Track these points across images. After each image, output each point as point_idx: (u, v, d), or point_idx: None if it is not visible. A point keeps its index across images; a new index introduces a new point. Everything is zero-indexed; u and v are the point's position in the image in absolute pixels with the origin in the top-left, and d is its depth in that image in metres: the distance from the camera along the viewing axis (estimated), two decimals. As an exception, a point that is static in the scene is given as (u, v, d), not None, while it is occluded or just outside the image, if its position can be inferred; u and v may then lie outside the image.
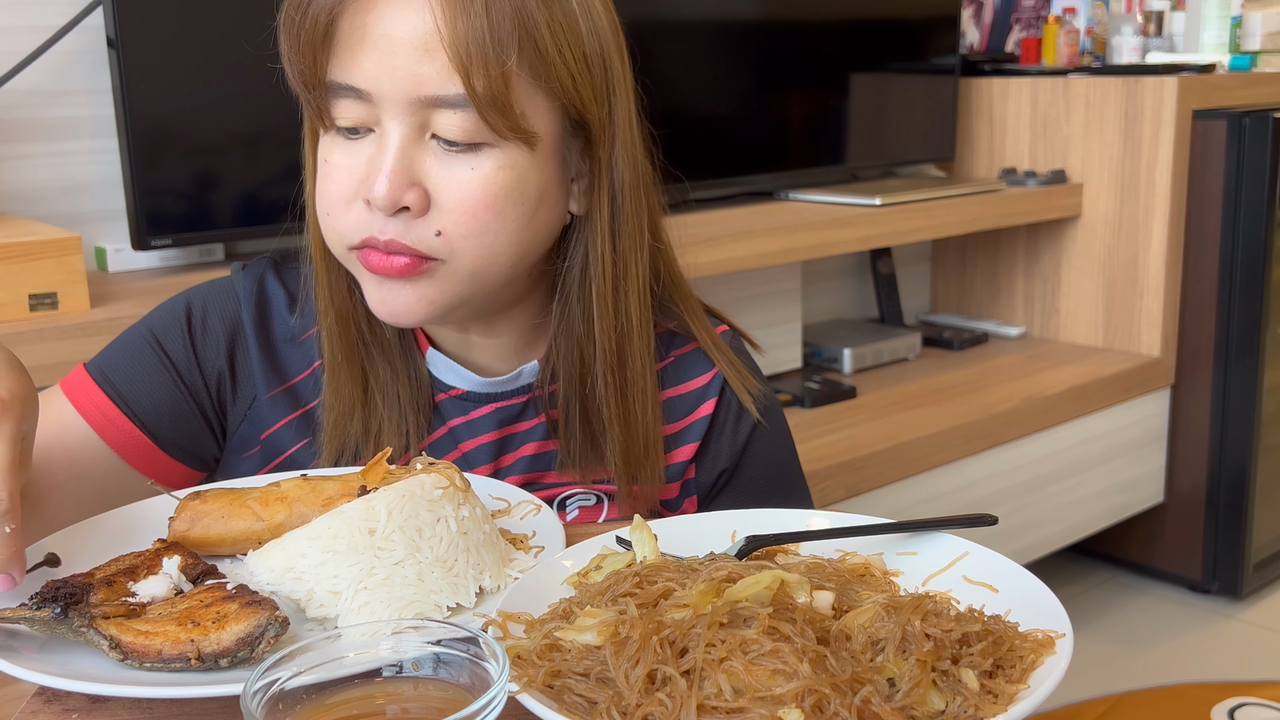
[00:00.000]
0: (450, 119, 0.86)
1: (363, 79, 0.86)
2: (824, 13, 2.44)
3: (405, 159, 0.86)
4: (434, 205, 0.87)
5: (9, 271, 1.41)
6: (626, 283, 0.97)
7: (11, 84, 1.68)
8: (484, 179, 0.87)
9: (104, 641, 0.66)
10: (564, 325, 0.98)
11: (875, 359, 2.58)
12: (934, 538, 0.78)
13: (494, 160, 0.87)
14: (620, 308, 0.97)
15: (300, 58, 0.87)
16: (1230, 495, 2.61)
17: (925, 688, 0.59)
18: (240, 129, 1.71)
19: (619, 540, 0.79)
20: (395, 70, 0.85)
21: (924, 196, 2.38)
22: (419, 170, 0.87)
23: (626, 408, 0.98)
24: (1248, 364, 2.55)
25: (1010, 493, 2.34)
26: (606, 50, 0.92)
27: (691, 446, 1.04)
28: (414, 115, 0.86)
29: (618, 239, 0.96)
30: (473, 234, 0.88)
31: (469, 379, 1.00)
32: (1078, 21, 2.90)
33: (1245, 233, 2.50)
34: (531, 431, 1.02)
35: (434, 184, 0.87)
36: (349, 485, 0.81)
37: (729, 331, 1.11)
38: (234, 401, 1.01)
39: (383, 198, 0.86)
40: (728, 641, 0.59)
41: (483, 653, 0.58)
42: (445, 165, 0.87)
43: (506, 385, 1.01)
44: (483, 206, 0.87)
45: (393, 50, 0.85)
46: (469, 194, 0.87)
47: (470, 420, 1.01)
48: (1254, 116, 2.47)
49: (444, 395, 1.01)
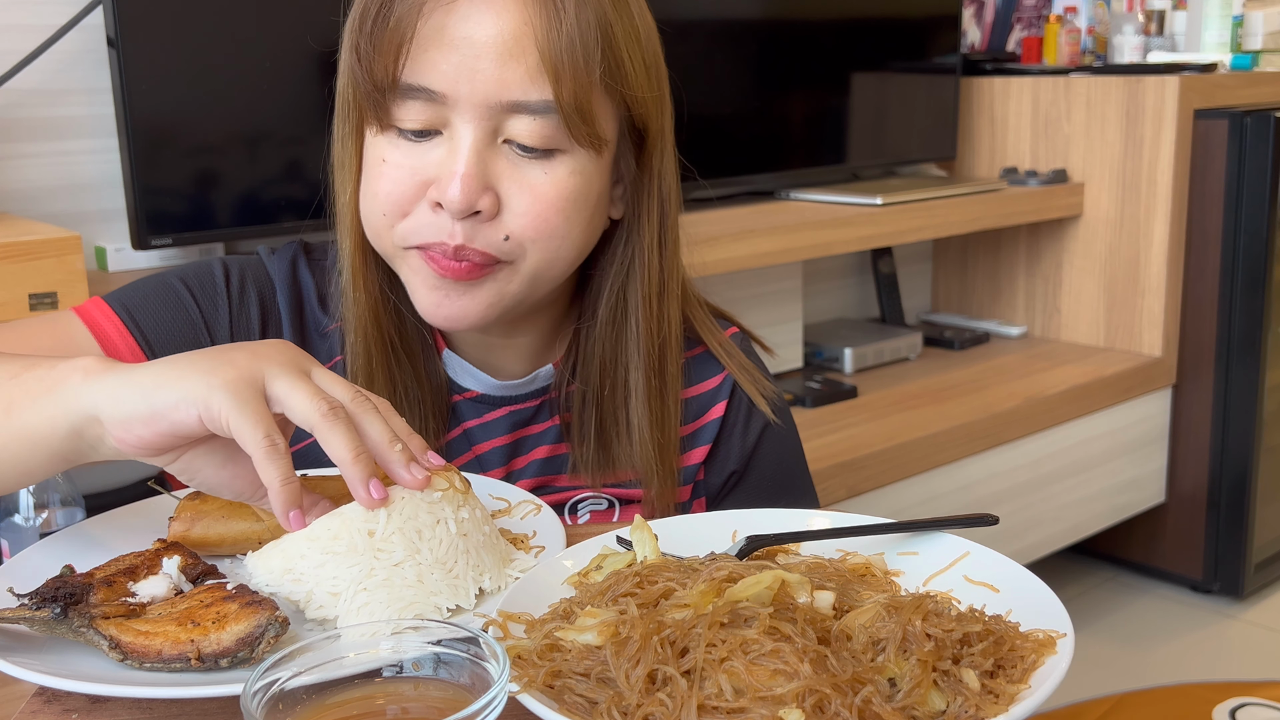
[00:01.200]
0: (528, 124, 0.86)
1: (440, 81, 0.85)
2: (825, 12, 2.44)
3: (480, 163, 0.86)
4: (504, 209, 0.88)
5: (9, 271, 1.41)
6: (669, 289, 0.98)
7: (11, 83, 1.68)
8: (556, 183, 0.88)
9: (104, 641, 0.66)
10: (598, 329, 0.98)
11: (876, 359, 2.58)
12: (935, 538, 0.78)
13: (566, 166, 0.88)
14: (664, 314, 0.98)
15: (380, 57, 0.86)
16: (1232, 495, 2.60)
17: (926, 688, 0.59)
18: (240, 128, 1.71)
19: (619, 540, 0.79)
20: (476, 74, 0.84)
21: (925, 196, 2.37)
22: (492, 174, 0.87)
23: (664, 411, 0.99)
24: (1249, 363, 2.55)
25: (1011, 492, 2.34)
26: (659, 57, 0.94)
27: (703, 449, 1.04)
28: (489, 119, 0.86)
29: (664, 246, 0.97)
30: (541, 237, 0.89)
31: (485, 381, 1.00)
32: (1079, 21, 2.89)
33: (1247, 232, 2.50)
34: (544, 434, 1.02)
35: (506, 189, 0.88)
36: None
37: (739, 334, 1.11)
38: None
39: (457, 200, 0.85)
40: (728, 641, 0.59)
41: (483, 653, 0.58)
42: (519, 169, 0.88)
43: (522, 388, 1.01)
44: (554, 211, 0.88)
45: (475, 54, 0.84)
46: (541, 198, 0.88)
47: (485, 423, 1.01)
48: (1255, 116, 2.47)
49: (459, 397, 1.01)
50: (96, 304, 0.97)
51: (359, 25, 0.87)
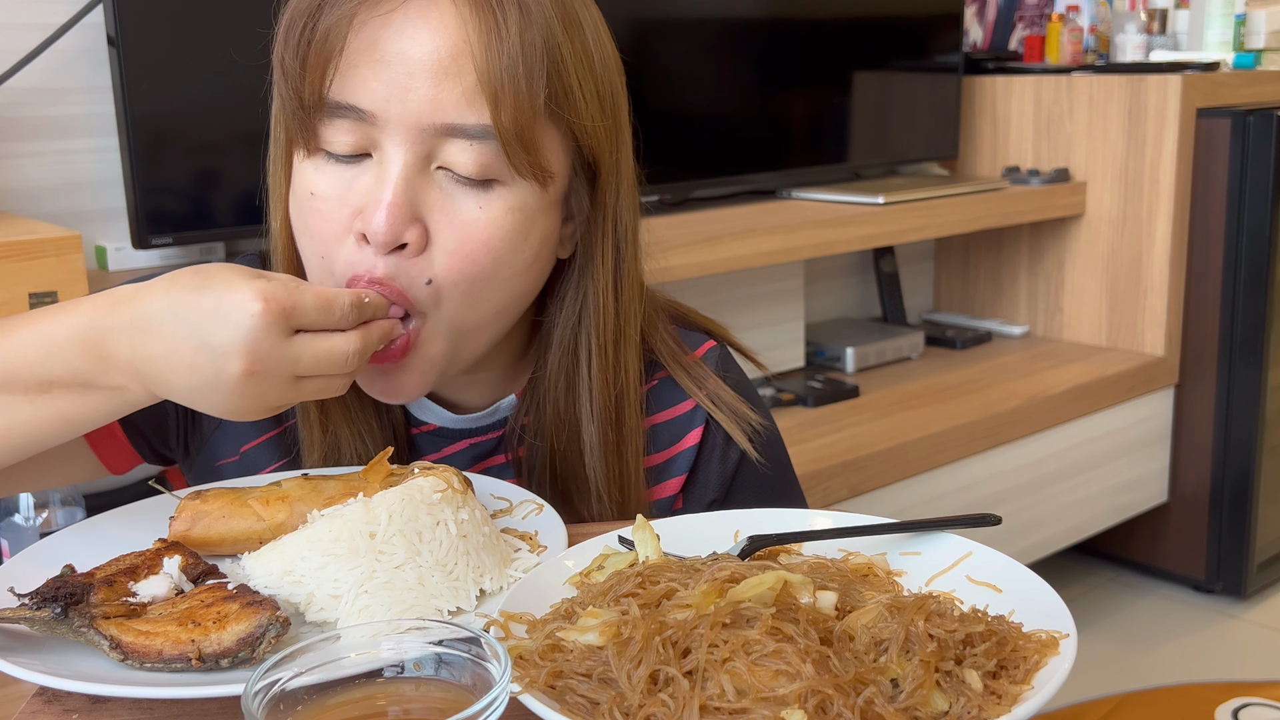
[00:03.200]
0: (464, 151, 0.80)
1: (369, 99, 0.79)
2: (827, 11, 2.43)
3: (409, 191, 0.80)
4: (431, 244, 0.81)
5: (9, 270, 1.41)
6: (627, 336, 0.92)
7: (11, 82, 1.68)
8: (491, 220, 0.81)
9: (104, 641, 0.66)
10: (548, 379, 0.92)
11: (878, 358, 2.58)
12: (937, 538, 0.78)
13: (504, 200, 0.82)
14: (620, 363, 0.91)
15: (305, 72, 0.80)
16: (1234, 495, 2.60)
17: (929, 688, 0.59)
18: (241, 127, 1.71)
19: (621, 540, 0.79)
20: (409, 93, 0.78)
21: (927, 195, 2.37)
22: (421, 204, 0.81)
23: (623, 469, 0.93)
24: (1252, 363, 2.54)
25: (1013, 492, 2.34)
26: (616, 86, 0.87)
27: (679, 480, 0.98)
28: (421, 143, 0.80)
29: (620, 290, 0.90)
30: (464, 280, 0.82)
31: (442, 415, 0.96)
32: (1081, 19, 2.89)
33: (1249, 231, 2.50)
34: (506, 467, 0.97)
35: (435, 220, 0.81)
36: (350, 485, 0.81)
37: (715, 348, 1.02)
38: None
39: (382, 232, 0.79)
40: (730, 642, 0.59)
41: (484, 653, 0.58)
42: (451, 200, 0.81)
43: (482, 421, 0.96)
44: (483, 252, 0.81)
45: (409, 71, 0.78)
46: (472, 236, 0.81)
47: (443, 457, 0.96)
48: (1258, 115, 2.47)
49: (417, 430, 0.96)
50: None
51: (284, 39, 0.82)
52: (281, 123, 0.86)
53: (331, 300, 0.74)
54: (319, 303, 0.74)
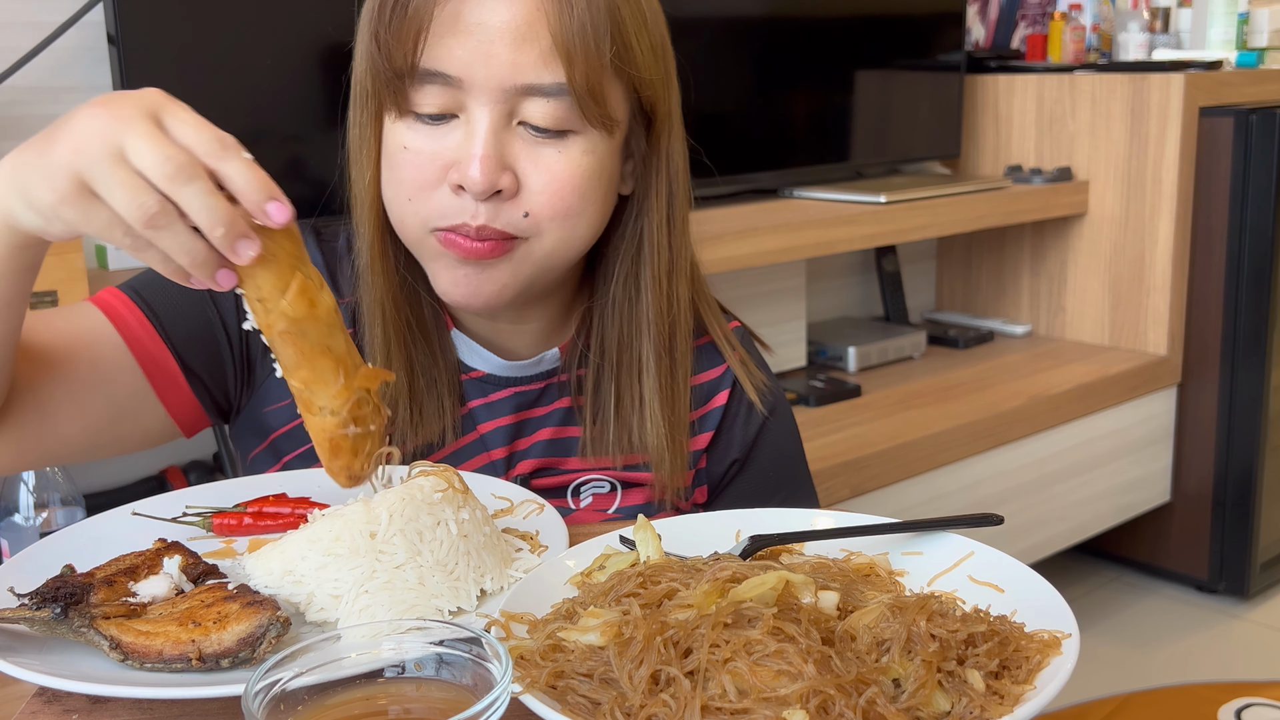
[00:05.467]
0: (542, 107, 0.89)
1: (455, 66, 0.88)
2: (829, 9, 2.43)
3: (497, 144, 0.89)
4: (523, 188, 0.90)
5: (11, 270, 1.41)
6: (677, 266, 1.01)
7: (11, 81, 1.68)
8: (571, 163, 0.91)
9: (104, 642, 0.66)
10: (611, 306, 1.01)
11: (880, 357, 2.57)
12: (939, 537, 0.78)
13: (579, 146, 0.91)
14: (673, 291, 1.01)
15: (398, 44, 0.88)
16: (1237, 494, 2.60)
17: (930, 688, 0.59)
18: (241, 126, 1.70)
19: (623, 540, 0.79)
20: (490, 58, 0.87)
21: (929, 194, 2.37)
22: (509, 155, 0.90)
23: (674, 389, 1.01)
24: (1255, 362, 2.54)
25: (1016, 492, 2.33)
26: (665, 39, 0.97)
27: (706, 436, 1.06)
28: (504, 102, 0.88)
29: (673, 224, 1.01)
30: (559, 215, 0.91)
31: (491, 361, 1.02)
32: (1084, 18, 2.89)
33: (1252, 230, 2.50)
34: (548, 417, 1.03)
35: (523, 168, 0.90)
36: None
37: (740, 328, 1.13)
38: (264, 357, 1.01)
39: (478, 181, 0.88)
40: (732, 642, 0.59)
41: (485, 653, 0.58)
42: (534, 150, 0.90)
43: (527, 370, 1.03)
44: (570, 190, 0.91)
45: (489, 38, 0.87)
46: (557, 177, 0.90)
47: (489, 403, 1.02)
48: (1261, 113, 2.46)
49: (466, 376, 1.02)
50: (114, 294, 0.98)
51: (378, 14, 0.90)
52: (368, 89, 0.94)
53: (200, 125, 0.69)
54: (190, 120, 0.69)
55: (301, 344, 0.70)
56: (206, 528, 0.86)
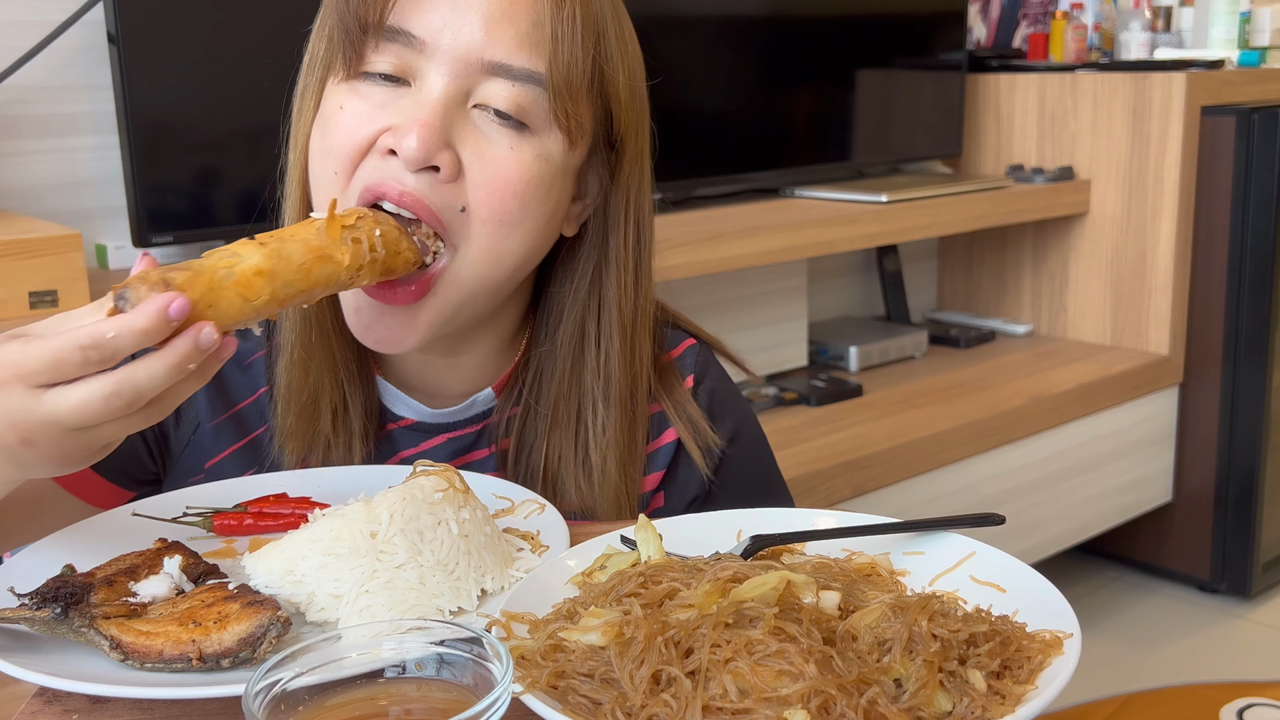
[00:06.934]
0: (506, 90, 0.82)
1: (422, 27, 0.82)
2: (830, 9, 2.43)
3: (445, 117, 0.82)
4: (464, 175, 0.83)
5: (9, 268, 1.41)
6: (642, 321, 0.93)
7: (12, 80, 1.68)
8: (520, 163, 0.83)
9: (105, 642, 0.66)
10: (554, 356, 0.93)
11: (881, 357, 2.57)
12: (941, 537, 0.78)
13: (533, 147, 0.84)
14: (638, 346, 0.93)
15: None
16: (1239, 494, 2.60)
17: (932, 689, 0.58)
18: (241, 125, 1.71)
19: (624, 540, 0.79)
20: (463, 26, 0.81)
21: (930, 193, 2.37)
22: (455, 135, 0.82)
23: (634, 452, 0.94)
24: (1257, 362, 2.54)
25: (1017, 492, 2.33)
26: (642, 81, 0.91)
27: (656, 475, 0.98)
28: (465, 77, 0.82)
29: (639, 272, 0.93)
30: (492, 219, 0.83)
31: (418, 410, 0.95)
32: (1085, 17, 2.88)
33: (1254, 230, 2.49)
34: (487, 461, 0.97)
35: (467, 154, 0.83)
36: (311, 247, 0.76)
37: (694, 347, 1.02)
38: (176, 427, 0.96)
39: (414, 149, 0.80)
40: (733, 642, 0.58)
41: (486, 653, 0.58)
42: (483, 137, 0.83)
43: (459, 415, 0.96)
44: (511, 193, 0.83)
45: (466, 5, 0.82)
46: (501, 173, 0.83)
47: (421, 451, 0.96)
48: (1263, 113, 2.46)
49: (394, 425, 0.96)
50: None
51: None
52: (319, 55, 0.87)
53: (60, 351, 0.66)
54: (46, 360, 0.66)
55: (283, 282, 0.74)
56: (207, 528, 0.85)
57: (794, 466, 1.98)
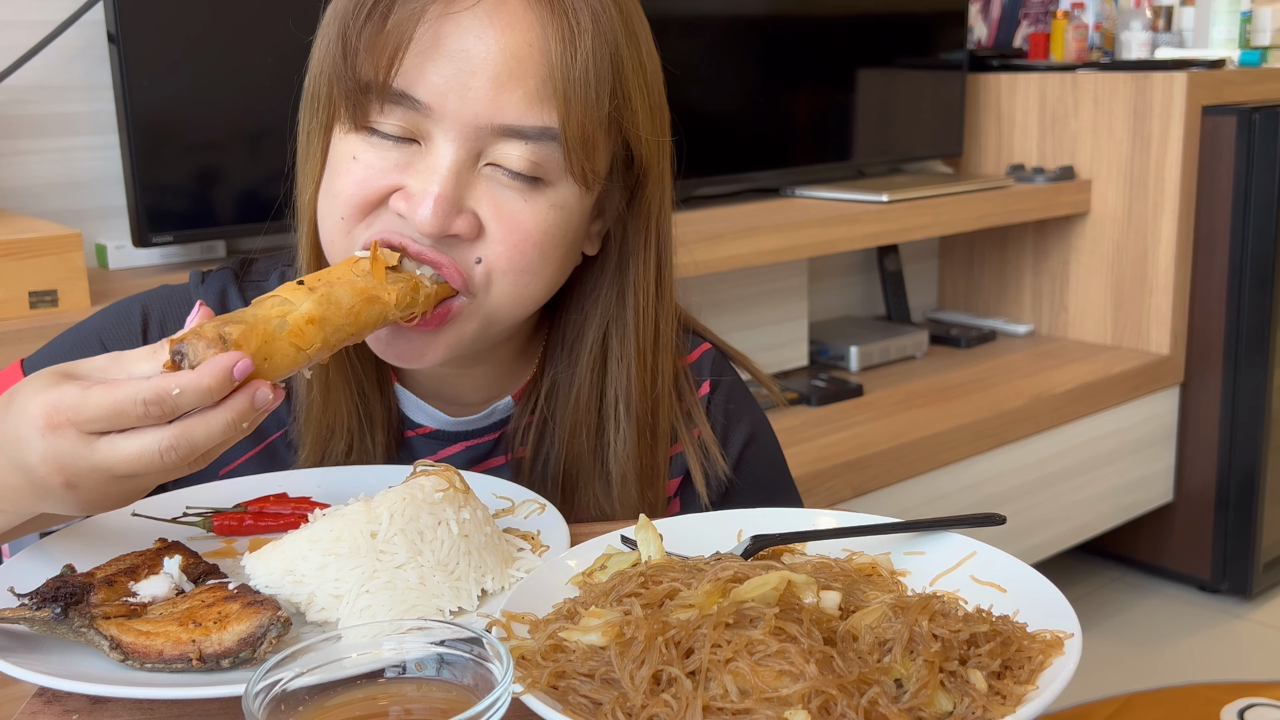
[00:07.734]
0: (519, 150, 0.81)
1: (427, 92, 0.79)
2: (831, 8, 2.43)
3: (457, 186, 0.80)
4: (484, 232, 0.82)
5: (9, 268, 1.41)
6: (663, 341, 0.93)
7: (12, 79, 1.68)
8: (536, 215, 0.82)
9: (104, 642, 0.66)
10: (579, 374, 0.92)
11: (882, 357, 2.57)
12: (941, 537, 0.78)
13: (548, 198, 0.83)
14: (659, 365, 0.93)
15: (371, 58, 0.79)
16: (1240, 494, 2.59)
17: (933, 689, 0.58)
18: (242, 124, 1.71)
19: (624, 540, 0.79)
20: (469, 91, 0.79)
21: (931, 193, 2.37)
22: (469, 197, 0.81)
23: (655, 469, 0.94)
24: (1258, 362, 2.54)
25: (1018, 491, 2.33)
26: (664, 98, 0.89)
27: (674, 482, 0.99)
28: (474, 140, 0.80)
29: (661, 295, 0.92)
30: (513, 270, 0.83)
31: (437, 418, 0.95)
32: (1086, 17, 2.88)
33: (1255, 229, 2.49)
34: (504, 469, 0.97)
35: (485, 211, 0.82)
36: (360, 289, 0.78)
37: (710, 352, 1.03)
38: None
39: (428, 223, 0.79)
40: (734, 642, 0.58)
41: (486, 653, 0.58)
42: (498, 194, 0.82)
43: (478, 423, 0.96)
44: (530, 244, 0.83)
45: (470, 69, 0.79)
46: (519, 228, 0.82)
47: (440, 459, 0.95)
48: (1264, 112, 2.46)
49: (413, 433, 0.96)
50: (14, 372, 0.92)
51: (352, 16, 0.80)
52: (322, 96, 0.85)
53: (120, 404, 0.66)
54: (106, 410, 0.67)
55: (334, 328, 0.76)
56: (207, 528, 0.85)
57: (794, 466, 1.96)
